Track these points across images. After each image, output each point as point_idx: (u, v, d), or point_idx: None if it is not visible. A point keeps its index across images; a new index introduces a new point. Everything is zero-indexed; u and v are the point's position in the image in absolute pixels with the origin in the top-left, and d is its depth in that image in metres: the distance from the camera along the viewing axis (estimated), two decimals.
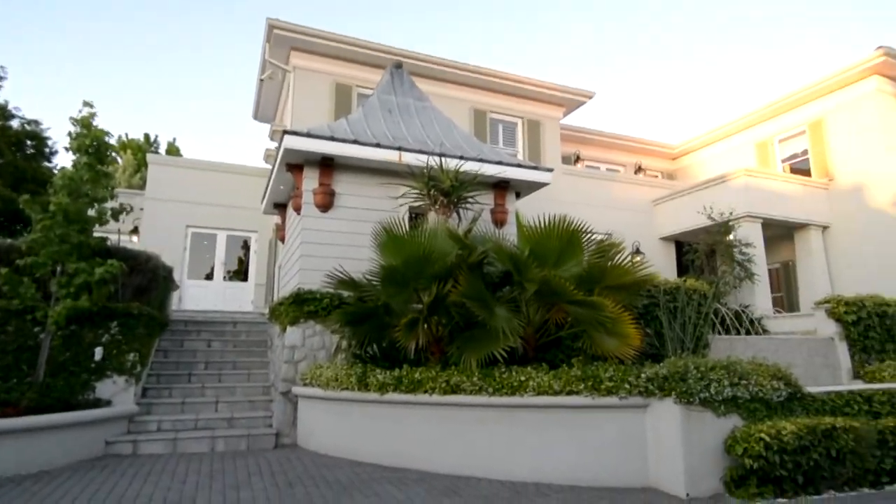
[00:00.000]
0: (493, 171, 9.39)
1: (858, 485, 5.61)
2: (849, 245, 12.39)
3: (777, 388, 5.75)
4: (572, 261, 6.62)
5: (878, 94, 12.23)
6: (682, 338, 6.65)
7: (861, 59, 12.26)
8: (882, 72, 12.26)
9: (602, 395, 5.68)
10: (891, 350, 8.07)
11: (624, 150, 16.89)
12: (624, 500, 5.13)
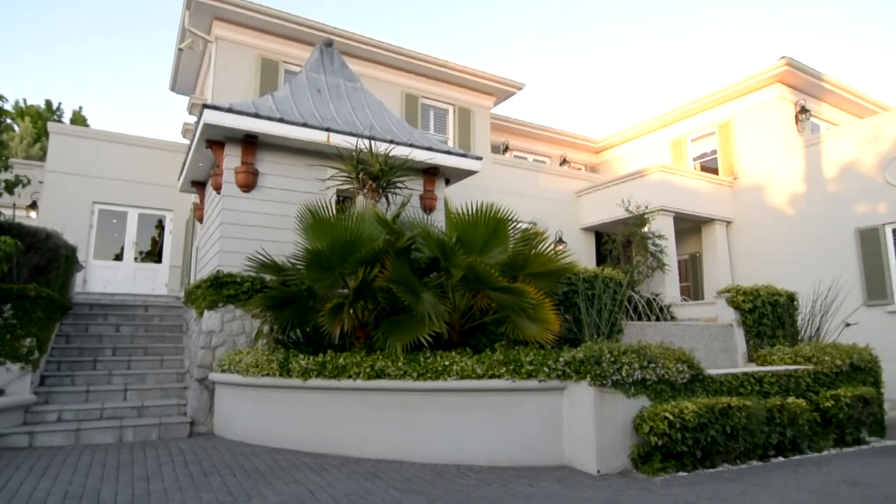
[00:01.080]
0: (424, 157, 9.38)
1: (749, 458, 6.17)
2: (749, 239, 13.45)
3: (681, 370, 6.17)
4: (498, 248, 6.76)
5: (779, 100, 13.27)
6: (599, 323, 6.98)
7: (765, 67, 13.24)
8: (784, 80, 13.31)
9: (523, 379, 5.88)
10: (780, 336, 8.88)
11: (551, 142, 17.37)
12: (540, 477, 5.35)
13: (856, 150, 11.66)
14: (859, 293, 11.03)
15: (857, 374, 7.83)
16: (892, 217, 10.86)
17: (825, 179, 12.11)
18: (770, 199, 13.15)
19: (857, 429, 7.26)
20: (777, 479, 5.51)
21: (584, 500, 4.69)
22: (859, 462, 6.36)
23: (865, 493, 5.05)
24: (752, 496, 4.89)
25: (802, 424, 6.58)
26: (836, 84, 13.90)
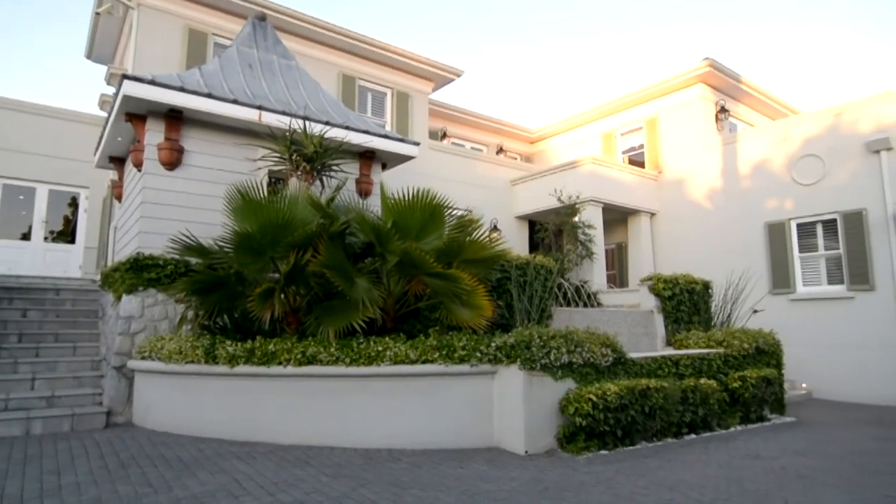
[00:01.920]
0: (360, 140, 9.24)
1: (665, 436, 6.58)
2: (671, 230, 14.19)
3: (606, 354, 6.47)
4: (433, 234, 6.79)
5: (701, 100, 14.02)
6: (530, 309, 7.18)
7: (689, 67, 13.92)
8: (706, 80, 14.05)
9: (455, 364, 5.97)
10: (696, 321, 9.47)
11: (488, 130, 17.54)
12: (470, 459, 5.48)
13: (767, 149, 12.52)
14: (766, 282, 11.93)
15: (762, 356, 8.49)
16: (797, 213, 11.79)
17: (740, 176, 12.95)
18: (691, 193, 13.92)
19: (760, 407, 7.89)
20: (689, 455, 5.91)
21: (512, 479, 4.84)
22: (761, 437, 6.92)
23: (765, 466, 5.52)
24: (667, 471, 5.22)
25: (713, 404, 7.08)
26: (753, 87, 14.83)
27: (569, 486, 4.68)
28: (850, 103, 11.36)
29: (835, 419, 8.47)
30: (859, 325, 10.59)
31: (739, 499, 4.42)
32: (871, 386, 10.28)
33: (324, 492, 4.30)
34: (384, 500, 4.13)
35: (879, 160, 10.62)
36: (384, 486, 4.51)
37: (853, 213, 10.87)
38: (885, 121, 10.71)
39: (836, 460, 5.79)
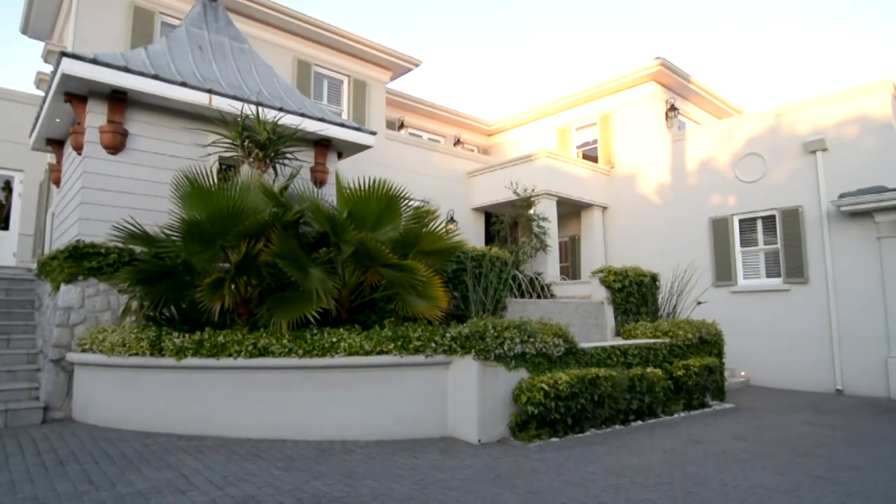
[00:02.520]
0: (315, 128, 9.06)
1: (613, 423, 6.79)
2: (622, 224, 14.59)
3: (558, 344, 6.62)
4: (390, 225, 6.75)
5: (653, 98, 14.42)
6: (485, 300, 7.25)
7: (642, 66, 14.28)
8: (658, 79, 14.45)
9: (410, 354, 5.98)
10: (644, 312, 9.80)
11: (446, 121, 17.51)
12: (424, 449, 5.51)
13: (713, 147, 13.02)
14: (710, 275, 12.44)
15: (705, 346, 8.88)
16: (739, 209, 12.32)
17: (687, 173, 13.42)
18: (641, 188, 14.33)
19: (702, 394, 8.25)
20: (635, 441, 6.13)
21: (465, 467, 4.90)
22: (703, 423, 7.25)
23: (706, 450, 5.79)
24: (615, 457, 5.40)
25: (658, 391, 7.36)
26: (701, 87, 15.35)
27: (520, 473, 4.78)
28: (789, 105, 11.92)
29: (771, 405, 8.95)
30: (794, 316, 11.20)
31: (682, 482, 4.62)
32: (805, 373, 10.90)
33: (275, 485, 4.24)
34: (337, 492, 4.11)
35: (815, 160, 11.21)
36: (337, 477, 4.49)
37: (790, 210, 11.45)
38: (821, 123, 11.30)
39: (772, 444, 6.12)
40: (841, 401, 9.57)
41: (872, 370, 10.11)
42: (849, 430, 7.02)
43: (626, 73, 14.53)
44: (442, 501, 3.99)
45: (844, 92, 11.17)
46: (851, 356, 10.39)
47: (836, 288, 10.70)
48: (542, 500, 4.08)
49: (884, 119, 10.62)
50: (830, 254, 10.82)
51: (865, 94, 10.87)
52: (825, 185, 10.99)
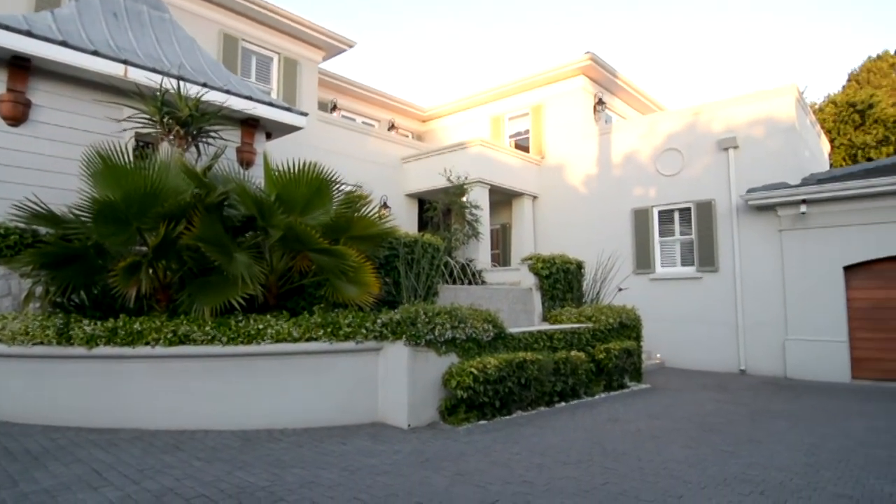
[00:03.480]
0: (242, 106, 8.68)
1: (538, 405, 7.04)
2: (551, 213, 15.03)
3: (487, 329, 6.76)
4: (320, 209, 6.61)
5: (582, 91, 14.87)
6: (417, 286, 7.28)
7: (572, 59, 14.67)
8: (587, 73, 14.90)
9: (340, 341, 5.92)
10: (569, 298, 10.18)
11: (380, 105, 17.27)
12: (354, 435, 5.49)
13: (636, 141, 13.63)
14: (631, 263, 13.08)
15: (625, 330, 9.35)
16: (659, 201, 13.00)
17: (612, 165, 13.98)
18: (570, 179, 14.80)
19: (621, 376, 8.70)
20: (559, 421, 6.39)
21: (394, 452, 4.94)
22: (621, 403, 7.66)
23: (623, 428, 6.12)
24: (539, 437, 5.61)
25: (581, 374, 7.69)
26: (627, 82, 15.99)
27: (449, 455, 4.87)
28: (705, 104, 12.66)
29: (682, 385, 9.58)
30: (705, 302, 12.00)
31: (601, 459, 4.87)
32: (713, 355, 11.74)
33: (196, 477, 4.09)
34: (263, 482, 4.03)
35: (728, 157, 11.99)
36: (263, 467, 4.39)
37: (704, 203, 12.20)
38: (733, 122, 12.08)
39: (683, 421, 6.57)
40: (744, 380, 10.39)
41: (771, 352, 11.03)
42: (750, 406, 7.64)
43: (558, 65, 14.88)
44: (370, 487, 4.00)
45: (754, 94, 11.98)
46: (754, 339, 11.29)
47: (742, 276, 11.55)
48: (470, 481, 4.18)
49: (788, 121, 11.50)
50: (738, 244, 11.65)
51: (773, 98, 11.72)
52: (735, 180, 11.78)
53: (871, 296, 10.15)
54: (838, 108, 23.58)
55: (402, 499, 3.78)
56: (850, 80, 34.99)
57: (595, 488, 4.09)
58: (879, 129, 22.11)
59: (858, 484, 4.29)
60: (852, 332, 10.22)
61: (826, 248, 10.50)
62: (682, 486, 4.16)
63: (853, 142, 22.38)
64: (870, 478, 4.45)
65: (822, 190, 10.32)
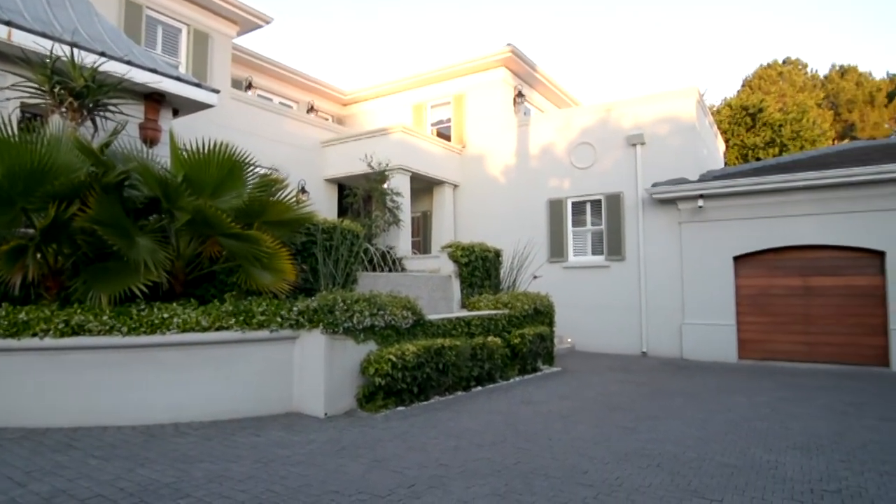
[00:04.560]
0: (146, 80, 8.07)
1: (455, 389, 7.18)
2: (471, 201, 15.25)
3: (406, 316, 6.78)
4: (232, 192, 6.31)
5: (503, 83, 15.13)
6: (335, 274, 7.16)
7: (494, 51, 14.88)
8: (508, 65, 15.18)
9: (254, 329, 5.72)
10: (487, 286, 10.42)
11: (299, 86, 16.68)
12: (267, 426, 5.35)
13: (553, 134, 14.10)
14: (546, 252, 13.58)
15: (539, 316, 9.71)
16: (572, 192, 13.56)
17: (530, 156, 14.39)
18: (490, 169, 15.08)
19: (535, 360, 9.05)
20: (475, 405, 6.56)
21: (309, 442, 4.86)
22: (534, 386, 7.97)
23: (536, 410, 6.38)
24: (455, 421, 5.73)
25: (497, 359, 7.92)
26: (545, 76, 16.46)
27: (365, 443, 4.87)
28: (616, 102, 13.30)
29: (591, 368, 10.11)
30: (613, 289, 12.70)
31: (514, 440, 5.06)
32: (619, 339, 12.47)
33: (93, 476, 3.82)
34: (168, 478, 3.84)
35: (635, 152, 12.69)
36: (168, 462, 4.18)
37: (613, 196, 12.87)
38: (641, 120, 12.79)
39: (590, 402, 6.94)
40: (645, 362, 11.14)
41: (670, 335, 11.88)
42: (650, 386, 8.20)
43: (479, 56, 15.04)
44: (284, 478, 3.92)
45: (660, 94, 12.74)
46: (655, 323, 12.10)
47: (646, 265, 12.32)
48: (386, 467, 4.21)
49: (689, 121, 12.34)
50: (643, 235, 12.41)
51: (676, 98, 12.51)
52: (642, 174, 12.50)
53: (756, 283, 11.18)
54: (733, 110, 25.60)
55: (317, 488, 3.74)
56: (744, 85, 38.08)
57: (508, 468, 4.24)
58: (767, 132, 24.25)
59: (742, 454, 4.74)
60: (739, 316, 11.22)
61: (719, 240, 11.42)
62: (587, 462, 4.41)
63: (745, 142, 24.40)
64: (751, 448, 4.93)
65: (716, 186, 11.19)
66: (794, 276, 10.82)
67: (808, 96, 33.07)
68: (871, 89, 38.48)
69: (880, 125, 37.27)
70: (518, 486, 3.86)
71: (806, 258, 10.74)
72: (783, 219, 10.82)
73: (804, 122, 24.73)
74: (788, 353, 10.73)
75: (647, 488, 3.86)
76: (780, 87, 36.37)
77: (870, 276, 10.17)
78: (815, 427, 5.69)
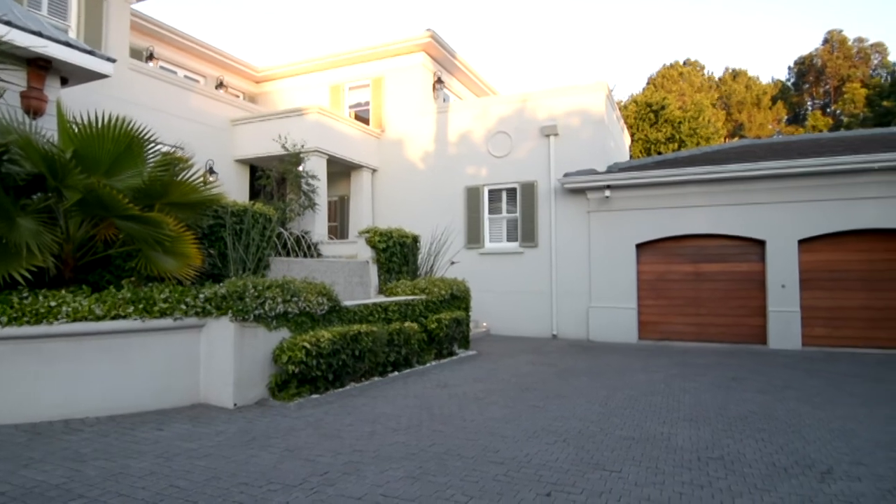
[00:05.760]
0: (29, 43, 7.23)
1: (372, 375, 7.16)
2: (389, 186, 15.15)
3: (321, 303, 6.65)
4: (130, 170, 5.87)
5: (422, 68, 15.07)
6: (246, 259, 6.88)
7: (413, 35, 14.77)
8: (427, 50, 15.11)
9: (155, 318, 5.40)
10: (405, 271, 10.44)
11: (207, 60, 15.69)
12: (171, 420, 5.08)
13: (471, 122, 14.27)
14: (463, 238, 13.79)
15: (455, 301, 9.87)
16: (489, 180, 13.83)
17: (449, 143, 14.49)
18: (408, 154, 15.02)
19: (451, 344, 9.20)
20: (391, 390, 6.58)
21: (217, 434, 4.68)
22: (450, 370, 8.12)
23: (451, 393, 6.51)
24: (371, 407, 5.72)
25: (414, 344, 7.98)
26: (465, 64, 16.58)
27: (277, 432, 4.75)
28: (532, 92, 13.66)
29: (504, 351, 10.44)
30: (526, 275, 13.15)
31: (429, 423, 5.14)
32: (532, 323, 12.95)
33: None
34: (56, 479, 3.55)
35: (549, 143, 13.13)
36: (57, 462, 3.87)
37: (528, 184, 13.27)
38: (554, 111, 13.23)
39: (503, 383, 7.17)
40: (555, 343, 11.66)
41: (578, 318, 12.50)
42: (559, 367, 8.60)
43: (399, 39, 14.87)
44: (189, 472, 3.75)
45: (572, 88, 13.23)
46: (565, 307, 12.68)
47: (557, 251, 12.84)
48: (299, 456, 4.14)
49: (599, 114, 12.92)
50: (555, 223, 12.91)
51: (587, 92, 13.05)
52: (555, 164, 12.97)
53: (655, 269, 11.99)
54: (639, 106, 27.13)
55: (226, 481, 3.62)
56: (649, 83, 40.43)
57: (423, 450, 4.31)
58: (668, 128, 25.95)
59: (639, 427, 5.11)
60: (640, 300, 12.01)
61: (623, 228, 12.12)
62: (499, 441, 4.58)
63: (648, 137, 25.97)
64: (647, 421, 5.32)
65: (622, 178, 11.84)
66: (688, 263, 11.72)
67: (704, 96, 35.72)
68: (758, 92, 42.21)
69: (765, 125, 41.02)
70: (432, 467, 3.94)
71: (698, 246, 11.66)
72: (680, 209, 11.65)
73: (700, 120, 26.70)
74: (682, 333, 11.64)
75: (554, 463, 4.07)
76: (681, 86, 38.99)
77: (752, 262, 11.22)
78: (703, 400, 6.24)
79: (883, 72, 40.16)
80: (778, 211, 10.90)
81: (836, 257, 10.68)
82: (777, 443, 4.63)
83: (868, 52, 41.90)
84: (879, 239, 10.39)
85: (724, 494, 3.53)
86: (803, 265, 10.78)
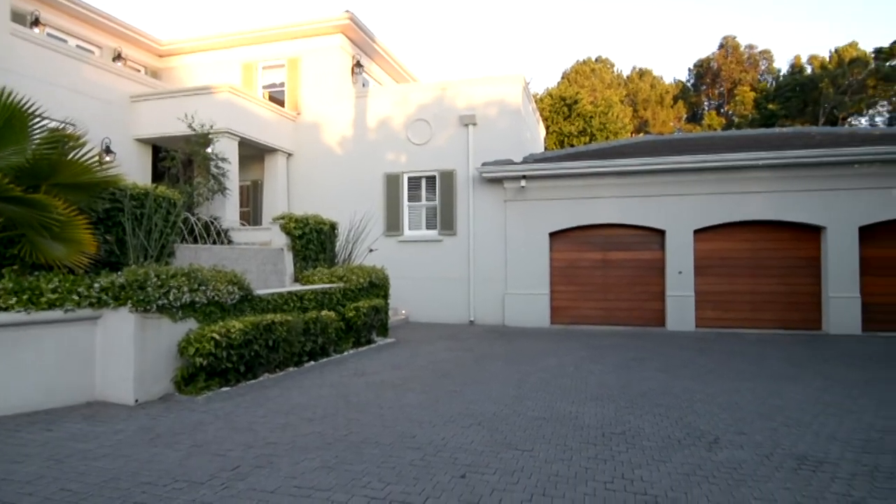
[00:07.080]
0: None
1: (287, 366, 6.98)
2: (306, 172, 14.70)
3: (232, 292, 6.38)
4: (11, 147, 5.29)
5: (340, 50, 14.68)
6: (147, 246, 6.44)
7: (331, 16, 14.33)
8: (345, 32, 14.73)
9: (43, 310, 4.96)
10: (322, 259, 10.21)
11: (102, 29, 14.38)
12: (63, 419, 4.71)
13: (391, 109, 14.12)
14: (382, 225, 13.69)
15: (374, 289, 9.80)
16: (409, 167, 13.79)
17: (368, 128, 14.27)
18: (326, 139, 14.64)
19: (369, 332, 9.15)
20: (307, 380, 6.45)
21: (116, 433, 4.39)
22: (368, 358, 8.07)
23: (368, 381, 6.48)
24: (285, 398, 5.59)
25: (331, 332, 7.85)
26: (384, 49, 16.34)
27: (184, 428, 4.53)
28: (451, 82, 13.74)
29: (423, 337, 10.52)
30: (445, 262, 13.29)
31: (345, 411, 5.10)
32: (450, 309, 13.13)
33: None
34: None
35: (468, 132, 13.28)
36: None
37: (447, 172, 13.37)
38: (473, 101, 13.39)
39: (420, 370, 7.24)
40: (472, 329, 11.91)
41: (495, 304, 12.83)
42: (475, 352, 8.80)
43: (317, 19, 14.41)
44: (83, 474, 3.49)
45: (491, 78, 13.44)
46: (482, 294, 12.97)
47: (475, 239, 13.08)
48: (208, 451, 3.97)
49: (515, 106, 13.23)
50: (473, 211, 13.12)
51: (505, 84, 13.30)
52: (473, 153, 13.16)
53: (566, 257, 12.53)
54: (553, 100, 28.04)
55: (126, 481, 3.41)
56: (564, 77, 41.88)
57: (339, 440, 4.27)
58: (580, 122, 27.03)
59: (549, 408, 5.34)
60: (553, 286, 12.51)
61: (538, 217, 12.54)
62: (416, 427, 4.63)
63: (562, 130, 26.94)
64: (557, 402, 5.58)
65: (536, 168, 12.22)
66: (597, 251, 12.35)
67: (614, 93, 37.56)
68: (661, 91, 44.94)
69: (667, 123, 43.79)
70: (349, 456, 3.92)
71: (607, 235, 12.30)
72: (590, 200, 12.22)
73: (610, 115, 28.04)
74: (590, 317, 12.27)
75: (469, 445, 4.18)
76: (593, 82, 40.72)
77: (654, 250, 12.01)
78: (608, 380, 6.63)
79: (769, 77, 44.07)
80: (677, 203, 11.72)
81: (727, 246, 11.67)
82: (672, 417, 5.02)
83: (757, 59, 45.81)
84: (763, 230, 11.47)
85: (626, 466, 3.78)
86: (698, 253, 11.69)
